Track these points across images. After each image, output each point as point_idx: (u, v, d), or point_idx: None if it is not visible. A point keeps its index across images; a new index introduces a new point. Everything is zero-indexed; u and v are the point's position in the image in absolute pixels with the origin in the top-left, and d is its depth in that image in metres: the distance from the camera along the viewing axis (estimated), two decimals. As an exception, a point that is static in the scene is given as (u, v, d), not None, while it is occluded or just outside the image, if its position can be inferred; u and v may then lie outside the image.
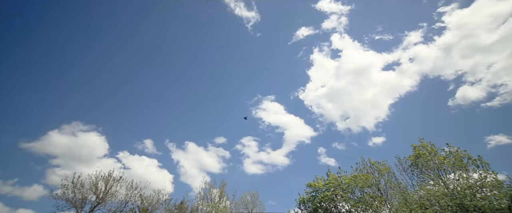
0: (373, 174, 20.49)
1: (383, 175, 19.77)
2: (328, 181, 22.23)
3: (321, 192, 21.15)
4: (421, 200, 11.84)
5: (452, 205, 11.74)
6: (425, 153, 18.34)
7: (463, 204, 11.50)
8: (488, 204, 11.03)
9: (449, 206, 11.77)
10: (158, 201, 27.06)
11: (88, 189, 23.30)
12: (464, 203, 11.53)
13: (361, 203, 19.50)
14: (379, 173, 19.94)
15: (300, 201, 22.67)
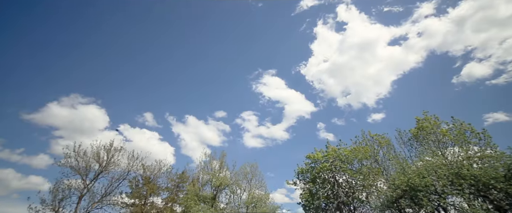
0: (372, 146, 20.81)
1: (382, 147, 20.06)
2: (327, 153, 22.65)
3: (320, 163, 21.67)
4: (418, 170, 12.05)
5: (448, 174, 11.96)
6: (428, 125, 18.36)
7: (460, 173, 11.71)
8: (484, 173, 11.20)
9: (445, 176, 11.99)
10: (160, 170, 28.14)
11: (90, 158, 24.08)
12: (461, 173, 11.73)
13: (358, 174, 20.11)
14: (379, 145, 20.21)
15: (298, 171, 23.38)
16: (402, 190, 11.70)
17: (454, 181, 11.36)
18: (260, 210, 15.18)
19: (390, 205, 12.81)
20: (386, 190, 13.27)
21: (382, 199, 15.90)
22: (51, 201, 20.03)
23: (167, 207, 31.94)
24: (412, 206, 11.57)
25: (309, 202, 20.47)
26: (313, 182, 21.43)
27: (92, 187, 23.53)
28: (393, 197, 12.20)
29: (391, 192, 12.16)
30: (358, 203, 20.92)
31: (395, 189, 12.04)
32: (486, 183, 10.67)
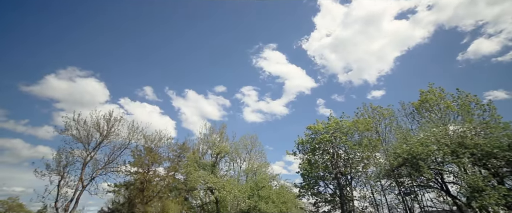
0: (373, 118, 20.64)
1: (384, 119, 19.88)
2: (328, 124, 22.59)
3: (320, 135, 21.71)
4: (421, 139, 11.91)
5: (451, 144, 11.83)
6: (432, 98, 17.96)
7: (463, 143, 11.58)
8: (488, 142, 11.06)
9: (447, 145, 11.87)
10: (160, 140, 28.45)
11: (90, 127, 24.11)
12: (464, 142, 11.59)
13: (358, 146, 20.24)
14: (382, 116, 20.02)
15: (299, 142, 23.56)
16: (403, 159, 11.68)
17: (455, 150, 11.27)
18: (260, 177, 15.40)
19: (389, 173, 12.95)
20: (387, 159, 13.28)
21: (381, 167, 16.09)
22: (56, 167, 20.40)
23: (169, 176, 33.04)
24: (412, 174, 11.64)
25: (307, 171, 20.92)
26: (312, 152, 21.69)
27: (95, 155, 23.90)
28: (393, 165, 12.23)
29: (392, 160, 12.14)
30: (355, 173, 21.42)
31: (396, 157, 12.02)
32: (489, 151, 10.58)
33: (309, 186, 21.39)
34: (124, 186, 31.71)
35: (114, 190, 31.79)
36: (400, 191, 18.21)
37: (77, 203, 21.47)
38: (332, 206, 20.52)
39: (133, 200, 28.56)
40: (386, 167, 13.70)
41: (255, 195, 13.72)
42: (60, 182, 20.37)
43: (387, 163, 12.98)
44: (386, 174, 13.61)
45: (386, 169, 13.24)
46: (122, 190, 31.85)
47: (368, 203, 19.79)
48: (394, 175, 13.05)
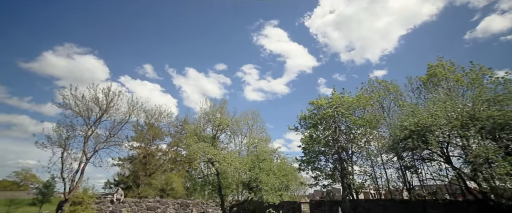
0: (378, 92, 19.89)
1: (389, 94, 19.13)
2: (331, 99, 21.92)
3: (323, 110, 21.15)
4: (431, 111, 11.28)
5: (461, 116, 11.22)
6: (441, 71, 17.01)
7: (474, 115, 10.97)
8: (502, 115, 10.44)
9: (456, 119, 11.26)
10: (161, 115, 28.22)
11: (89, 101, 23.69)
12: (475, 114, 10.97)
13: (361, 121, 19.75)
14: (387, 91, 19.25)
15: (301, 117, 23.13)
16: (410, 131, 11.19)
17: (466, 123, 10.71)
18: (261, 150, 15.13)
19: (394, 146, 12.57)
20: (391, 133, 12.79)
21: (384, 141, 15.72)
22: (57, 139, 20.34)
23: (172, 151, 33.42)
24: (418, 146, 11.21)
25: (309, 145, 20.73)
26: (314, 127, 21.31)
27: (96, 130, 23.76)
28: (399, 138, 11.77)
29: (399, 132, 11.64)
30: (356, 148, 21.24)
31: (402, 130, 11.51)
32: (503, 124, 10.02)
33: (310, 161, 21.39)
34: (128, 160, 32.36)
35: (119, 164, 32.55)
36: (400, 165, 18.12)
37: (82, 174, 21.81)
38: (332, 180, 20.66)
39: (137, 173, 29.22)
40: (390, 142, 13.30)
41: (256, 167, 13.51)
42: (63, 154, 20.48)
43: (391, 137, 12.54)
44: (390, 148, 13.26)
45: (390, 143, 12.84)
46: (126, 164, 32.59)
47: (367, 176, 19.87)
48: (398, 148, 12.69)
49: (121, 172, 32.77)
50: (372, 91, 20.63)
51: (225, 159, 13.52)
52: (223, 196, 15.09)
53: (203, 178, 15.87)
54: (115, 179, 31.90)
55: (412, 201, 15.72)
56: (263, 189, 13.48)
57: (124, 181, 31.26)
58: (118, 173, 33.16)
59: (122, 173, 32.37)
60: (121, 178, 31.91)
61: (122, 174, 32.25)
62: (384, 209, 16.57)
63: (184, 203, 22.01)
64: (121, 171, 32.60)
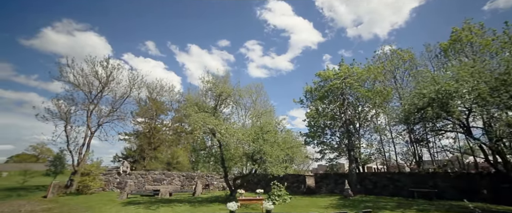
0: (392, 61, 18.22)
1: (404, 62, 17.47)
2: (339, 71, 20.41)
3: (330, 81, 19.78)
4: (456, 75, 9.88)
5: (492, 81, 9.79)
6: (468, 35, 15.12)
7: (507, 80, 9.55)
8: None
9: (485, 83, 9.84)
10: (162, 89, 27.43)
11: (89, 75, 22.89)
12: (508, 80, 9.54)
13: (371, 93, 18.41)
14: (401, 60, 17.58)
15: (306, 90, 21.91)
16: (430, 99, 9.95)
17: (497, 88, 9.36)
18: (265, 121, 14.21)
19: (407, 117, 11.42)
20: (406, 102, 11.53)
21: (397, 113, 14.52)
22: (58, 112, 19.93)
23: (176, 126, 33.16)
24: (438, 116, 10.05)
25: (314, 119, 19.76)
26: (321, 100, 20.15)
27: (98, 103, 23.24)
28: (416, 107, 10.56)
29: (417, 100, 10.40)
30: (364, 121, 20.18)
31: (421, 98, 10.26)
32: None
33: (316, 135, 20.59)
34: (134, 134, 32.41)
35: (125, 139, 32.70)
36: (410, 138, 17.12)
37: (88, 147, 21.86)
38: (338, 153, 20.00)
39: (143, 147, 29.33)
40: (402, 113, 12.11)
41: (259, 138, 12.68)
42: (66, 127, 20.28)
43: (406, 107, 11.32)
44: (402, 119, 12.13)
45: (403, 115, 11.65)
46: (132, 139, 32.73)
47: (375, 150, 19.06)
48: (411, 120, 11.54)
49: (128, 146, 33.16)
50: (385, 60, 18.94)
51: (228, 130, 12.69)
52: (226, 168, 14.60)
53: (205, 150, 15.28)
54: (122, 153, 32.31)
55: (421, 174, 14.97)
56: (267, 160, 12.80)
57: (131, 155, 31.64)
58: (125, 148, 33.56)
59: (129, 147, 32.74)
60: (128, 152, 32.29)
61: (129, 148, 32.62)
62: (392, 182, 15.97)
63: (189, 176, 22.01)
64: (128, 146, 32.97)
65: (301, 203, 13.53)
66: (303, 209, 11.75)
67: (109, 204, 14.18)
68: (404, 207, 11.28)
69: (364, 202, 13.28)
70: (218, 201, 14.28)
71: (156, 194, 17.39)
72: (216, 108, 14.00)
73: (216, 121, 12.46)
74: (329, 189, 18.52)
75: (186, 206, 12.68)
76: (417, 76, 13.60)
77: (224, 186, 19.94)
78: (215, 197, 16.10)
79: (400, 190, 15.41)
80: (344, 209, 11.39)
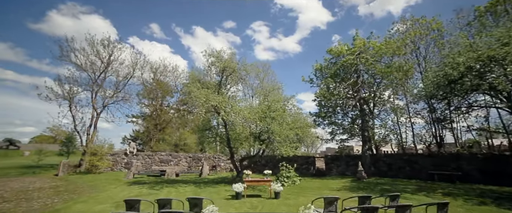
0: (415, 32, 16.17)
1: (432, 30, 15.38)
2: (354, 46, 18.54)
3: (343, 58, 18.04)
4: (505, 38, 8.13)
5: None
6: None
7: None
8: None
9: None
10: (166, 69, 26.39)
11: (90, 55, 22.02)
12: None
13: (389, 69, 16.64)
14: (428, 28, 15.51)
15: (316, 68, 20.26)
16: (467, 68, 8.37)
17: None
18: (272, 98, 12.98)
19: (433, 93, 9.92)
20: (436, 72, 9.93)
21: (418, 89, 12.94)
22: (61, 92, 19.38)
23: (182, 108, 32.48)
24: (477, 88, 8.50)
25: (326, 98, 18.32)
26: (332, 78, 18.56)
27: (102, 84, 22.57)
28: (447, 79, 9.00)
29: (450, 70, 8.81)
30: (379, 100, 18.61)
31: (455, 68, 8.67)
32: None
33: (326, 115, 19.28)
34: (141, 117, 32.10)
35: (132, 121, 32.50)
36: (431, 117, 15.59)
37: (95, 128, 21.54)
38: (349, 134, 18.75)
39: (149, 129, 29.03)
40: (428, 87, 10.56)
41: (267, 117, 11.53)
42: (70, 107, 19.85)
43: (434, 80, 9.78)
44: (429, 94, 10.63)
45: (431, 87, 10.13)
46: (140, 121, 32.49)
47: (389, 131, 17.68)
48: (442, 94, 10.03)
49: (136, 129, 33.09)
50: (406, 30, 16.86)
51: (233, 107, 11.58)
52: (232, 148, 13.72)
53: (210, 130, 14.36)
54: (131, 135, 32.30)
55: (442, 155, 13.62)
56: (275, 140, 11.76)
57: (140, 137, 31.58)
58: (134, 130, 33.53)
59: (137, 129, 32.66)
60: (136, 134, 32.23)
61: (138, 130, 32.55)
62: (409, 164, 14.76)
63: (196, 157, 21.53)
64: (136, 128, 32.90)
65: (311, 185, 12.64)
66: (315, 191, 10.83)
67: (114, 183, 13.81)
68: (426, 190, 10.14)
69: (380, 185, 12.22)
70: (224, 182, 13.60)
71: (162, 174, 16.99)
72: (220, 84, 12.81)
73: (220, 98, 11.33)
74: (340, 171, 17.56)
75: (191, 187, 12.04)
76: (447, 45, 11.76)
77: (231, 168, 19.34)
78: (221, 178, 15.48)
79: (417, 172, 14.22)
80: (360, 192, 10.39)
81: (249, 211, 7.39)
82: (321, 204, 6.57)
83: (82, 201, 9.10)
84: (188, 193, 10.46)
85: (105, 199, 9.37)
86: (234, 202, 8.53)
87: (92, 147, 19.95)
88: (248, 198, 9.25)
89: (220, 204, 8.30)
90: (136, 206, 5.13)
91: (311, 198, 9.12)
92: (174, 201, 5.56)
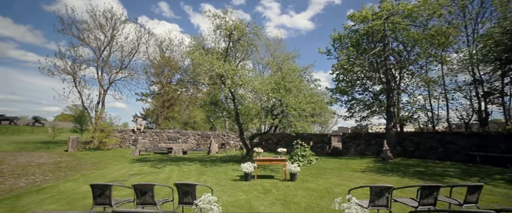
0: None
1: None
2: (380, 9, 15.58)
3: (367, 23, 15.26)
4: None
5: None
6: None
7: None
8: None
9: None
10: (171, 42, 24.55)
11: (93, 28, 20.45)
12: None
13: (425, 34, 13.82)
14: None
15: (334, 38, 17.58)
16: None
17: None
18: (287, 68, 10.94)
19: (495, 55, 7.51)
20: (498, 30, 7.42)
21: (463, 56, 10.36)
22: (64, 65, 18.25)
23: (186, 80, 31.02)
24: None
25: (346, 70, 15.94)
26: (354, 47, 15.99)
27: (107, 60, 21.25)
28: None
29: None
30: (407, 72, 16.02)
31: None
32: None
33: (346, 90, 17.03)
34: (151, 95, 31.14)
35: (142, 99, 31.67)
36: (476, 91, 12.98)
37: (103, 105, 20.72)
38: (370, 111, 16.58)
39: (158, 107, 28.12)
40: (484, 51, 8.09)
41: (281, 89, 9.61)
42: (75, 83, 18.86)
43: (495, 39, 7.33)
44: (477, 61, 8.21)
45: (484, 52, 7.69)
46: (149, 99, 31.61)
47: (419, 107, 15.33)
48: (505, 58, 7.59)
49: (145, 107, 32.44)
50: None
51: (241, 77, 9.73)
52: (241, 124, 12.13)
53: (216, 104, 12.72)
54: (141, 113, 31.72)
55: (489, 135, 11.33)
56: (290, 114, 9.96)
57: (150, 115, 30.92)
58: (143, 108, 32.90)
59: (147, 108, 31.99)
60: (146, 112, 31.59)
61: (147, 108, 31.87)
62: (442, 144, 12.63)
63: (205, 135, 20.38)
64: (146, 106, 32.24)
65: (330, 165, 10.99)
66: (334, 172, 9.18)
67: (119, 160, 12.89)
68: (478, 176, 8.18)
69: (410, 166, 10.35)
70: (233, 161, 12.25)
71: (169, 152, 15.99)
72: (227, 51, 10.86)
73: (227, 66, 9.46)
74: (359, 151, 15.74)
75: (196, 165, 10.76)
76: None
77: (241, 146, 18.04)
78: (230, 157, 14.18)
79: (453, 153, 12.11)
80: (389, 174, 8.61)
81: (261, 196, 5.87)
82: (361, 194, 4.86)
83: (73, 179, 8.00)
84: (192, 172, 9.16)
85: (96, 178, 8.22)
86: (242, 184, 7.06)
87: (100, 124, 19.24)
88: (258, 179, 7.76)
89: (225, 186, 6.85)
90: (107, 192, 3.65)
91: (333, 181, 7.52)
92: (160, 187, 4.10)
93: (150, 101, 30.50)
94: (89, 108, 20.26)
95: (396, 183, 7.31)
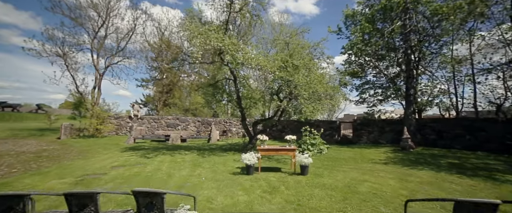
0: None
1: None
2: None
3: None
4: None
5: None
6: None
7: None
8: None
9: None
10: (170, 23, 22.67)
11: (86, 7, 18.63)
12: None
13: (451, 8, 11.70)
14: None
15: (346, 15, 15.46)
16: None
17: None
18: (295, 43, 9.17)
19: None
20: None
21: None
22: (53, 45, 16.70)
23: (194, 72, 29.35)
24: None
25: (359, 49, 14.01)
26: (370, 23, 13.94)
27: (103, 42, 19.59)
28: None
29: None
30: (429, 50, 14.05)
31: None
32: None
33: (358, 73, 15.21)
34: (151, 81, 29.65)
35: (142, 85, 30.25)
36: (504, 74, 11.10)
37: (99, 90, 19.40)
38: (385, 95, 14.82)
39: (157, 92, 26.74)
40: None
41: (288, 67, 7.91)
42: (67, 65, 17.40)
43: None
44: None
45: None
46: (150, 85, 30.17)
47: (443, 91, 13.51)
48: None
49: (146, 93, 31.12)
50: None
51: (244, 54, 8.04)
52: (243, 109, 10.60)
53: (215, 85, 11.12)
54: (141, 99, 30.44)
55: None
56: (299, 95, 8.34)
57: (149, 101, 29.64)
58: (144, 94, 31.58)
59: (148, 94, 30.66)
60: (147, 98, 30.29)
61: (148, 95, 30.55)
62: (469, 132, 10.99)
63: (206, 121, 19.01)
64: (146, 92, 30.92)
65: (343, 155, 9.51)
66: (350, 164, 7.70)
67: (110, 148, 11.62)
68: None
69: (438, 157, 8.80)
70: (234, 149, 10.86)
71: (167, 139, 14.71)
72: (227, 23, 9.09)
73: (227, 40, 7.75)
74: (372, 139, 14.20)
75: (193, 155, 9.40)
76: None
77: (243, 133, 16.65)
78: (231, 145, 12.81)
79: (483, 142, 10.49)
80: (419, 167, 7.09)
81: (266, 197, 4.43)
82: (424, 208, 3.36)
83: (45, 172, 6.68)
84: (186, 164, 7.78)
85: (74, 170, 6.90)
86: (243, 180, 5.64)
87: (96, 110, 17.98)
88: (263, 172, 6.33)
89: (223, 182, 5.42)
90: (20, 206, 2.21)
91: (353, 176, 6.02)
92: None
93: (150, 87, 29.09)
94: (84, 94, 18.93)
95: (432, 179, 5.81)
